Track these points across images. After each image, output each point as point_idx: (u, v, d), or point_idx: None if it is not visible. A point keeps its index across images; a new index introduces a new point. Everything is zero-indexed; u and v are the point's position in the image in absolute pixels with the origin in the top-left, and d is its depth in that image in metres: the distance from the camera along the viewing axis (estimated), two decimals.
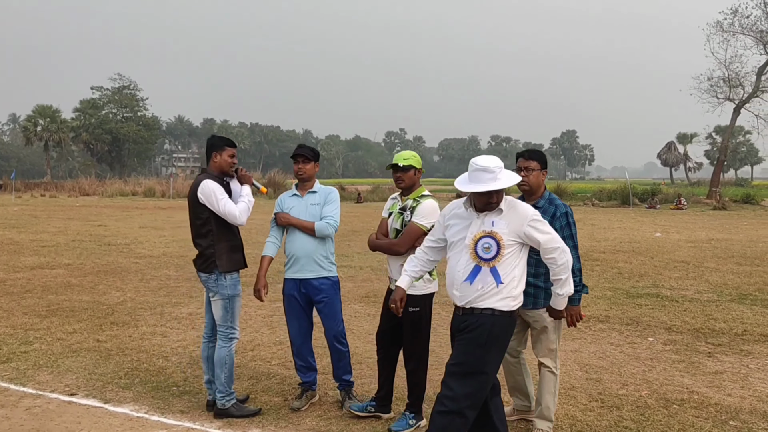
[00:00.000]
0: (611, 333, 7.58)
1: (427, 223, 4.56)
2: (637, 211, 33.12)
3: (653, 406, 5.17)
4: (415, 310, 4.62)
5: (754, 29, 39.84)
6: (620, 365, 6.31)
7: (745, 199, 38.32)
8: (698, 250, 15.49)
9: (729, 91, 40.97)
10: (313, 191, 5.27)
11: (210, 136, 5.07)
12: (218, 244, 4.88)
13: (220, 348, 5.00)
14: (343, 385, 5.28)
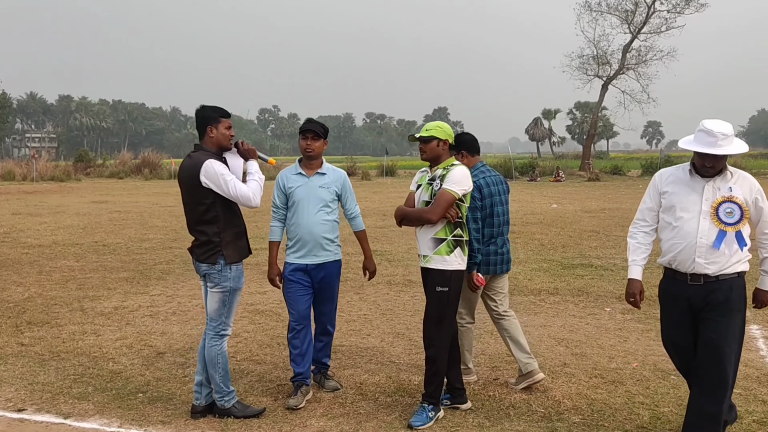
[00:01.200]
0: (567, 305, 7.60)
1: (458, 189, 4.24)
2: (521, 184, 34.38)
3: (651, 378, 5.15)
4: (443, 290, 4.28)
5: (619, 9, 42.28)
6: (594, 337, 6.29)
7: (614, 171, 40.94)
8: (598, 219, 16.16)
9: (598, 68, 43.34)
10: (321, 172, 4.85)
11: (199, 107, 4.41)
12: (225, 232, 4.31)
13: (211, 347, 4.42)
14: (320, 368, 5.06)
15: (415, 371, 5.38)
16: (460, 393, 4.62)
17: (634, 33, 42.18)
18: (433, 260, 4.32)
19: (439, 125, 4.46)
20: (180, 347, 6.15)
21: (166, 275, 9.67)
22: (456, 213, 4.28)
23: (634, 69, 42.37)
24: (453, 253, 4.30)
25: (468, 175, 4.36)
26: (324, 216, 4.77)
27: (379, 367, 5.52)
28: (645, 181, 35.53)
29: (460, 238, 4.33)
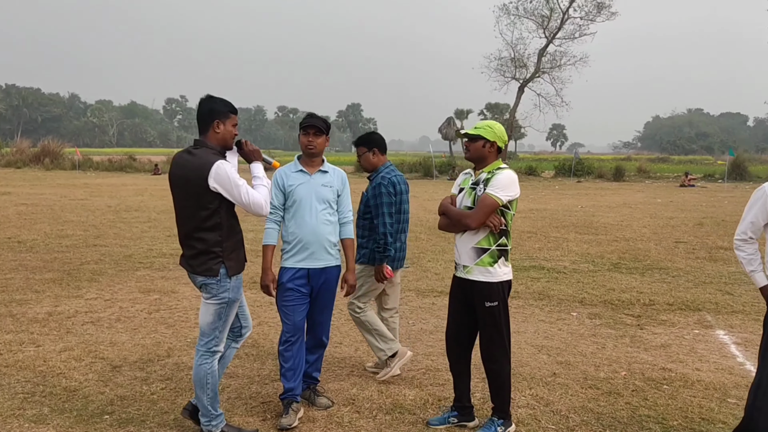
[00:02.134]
0: (533, 309, 7.49)
1: (503, 195, 3.91)
2: (442, 182, 34.62)
3: (646, 388, 5.05)
4: (493, 305, 4.00)
5: (536, 14, 43.42)
6: (572, 344, 6.18)
7: (529, 172, 41.95)
8: (531, 220, 16.35)
9: (515, 70, 44.37)
10: (323, 170, 4.48)
11: (206, 97, 3.90)
12: (228, 241, 3.85)
13: (200, 365, 3.93)
14: (309, 383, 4.68)
15: (404, 384, 5.07)
16: (468, 411, 4.37)
17: (550, 38, 43.45)
18: (475, 271, 4.02)
19: (489, 125, 4.11)
20: (136, 359, 5.56)
21: (98, 276, 8.89)
22: (499, 221, 3.97)
23: (549, 73, 43.70)
24: (497, 263, 4.00)
25: (515, 180, 4.01)
26: (327, 216, 4.42)
27: (364, 380, 5.16)
28: (559, 182, 36.67)
29: (505, 248, 4.03)
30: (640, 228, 14.84)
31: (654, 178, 40.23)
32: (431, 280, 8.97)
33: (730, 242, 12.38)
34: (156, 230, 13.77)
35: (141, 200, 20.87)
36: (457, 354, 4.33)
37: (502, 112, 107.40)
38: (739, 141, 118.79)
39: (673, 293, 8.26)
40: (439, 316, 7.06)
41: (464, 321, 4.21)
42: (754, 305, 7.64)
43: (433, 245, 11.88)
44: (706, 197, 24.77)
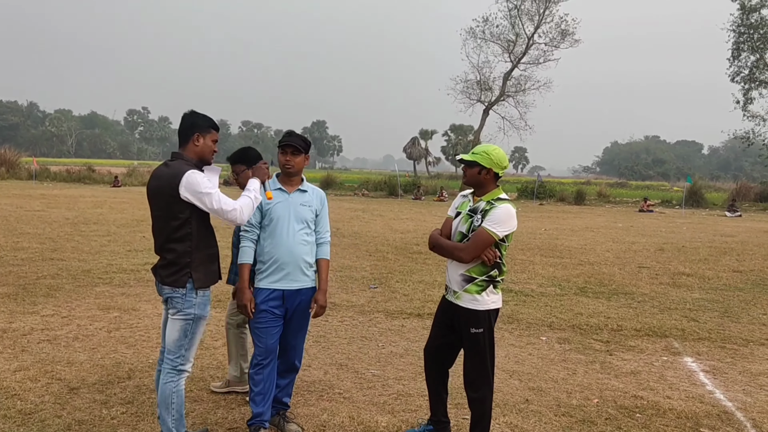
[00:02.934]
0: (502, 333, 7.44)
1: (500, 230, 3.86)
2: (407, 202, 34.66)
3: (619, 416, 5.01)
4: (478, 332, 3.95)
5: (502, 38, 44.07)
6: (543, 370, 6.13)
7: None
8: None
9: (480, 93, 44.88)
10: (302, 189, 4.41)
11: (189, 112, 3.91)
12: (196, 252, 3.77)
13: (166, 383, 3.80)
14: (279, 409, 4.52)
15: (376, 410, 4.94)
16: (445, 426, 4.35)
17: (515, 62, 44.10)
18: (463, 298, 3.99)
19: (486, 150, 4.02)
20: (94, 381, 5.32)
21: (55, 292, 8.56)
22: (493, 255, 3.92)
23: (514, 96, 44.28)
24: (485, 291, 3.96)
25: (513, 214, 3.95)
26: (304, 236, 4.32)
27: (334, 405, 5.02)
28: (522, 204, 37.04)
29: (495, 278, 4.00)
30: (604, 252, 14.99)
31: (614, 202, 40.95)
32: (400, 301, 8.87)
33: (692, 268, 12.63)
34: (116, 244, 13.40)
35: (100, 213, 20.35)
36: (434, 369, 4.31)
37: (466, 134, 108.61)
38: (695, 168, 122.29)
39: (640, 319, 8.31)
40: (410, 339, 6.96)
41: (446, 340, 4.22)
42: (719, 332, 7.72)
43: (400, 266, 11.79)
44: (665, 223, 25.25)
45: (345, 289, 9.59)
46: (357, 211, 25.23)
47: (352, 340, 6.92)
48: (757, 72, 42.51)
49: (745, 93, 43.10)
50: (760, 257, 14.72)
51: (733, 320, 8.41)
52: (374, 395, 5.28)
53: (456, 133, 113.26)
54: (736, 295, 10.09)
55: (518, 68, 44.22)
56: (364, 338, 6.99)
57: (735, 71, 43.14)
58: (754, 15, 41.54)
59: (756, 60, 42.50)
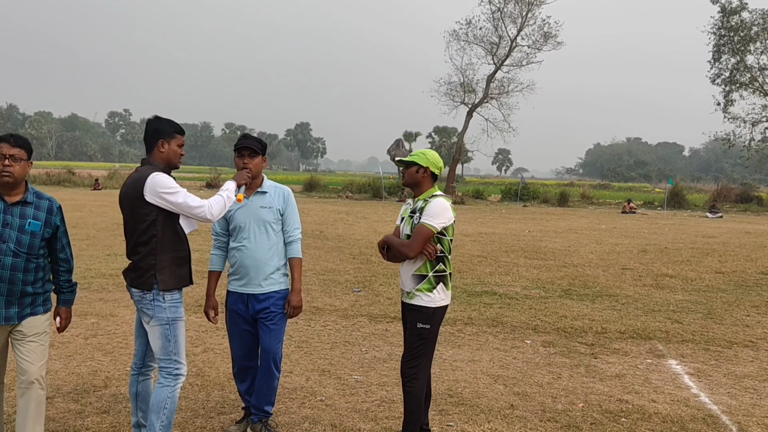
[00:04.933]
0: (487, 337, 7.38)
1: (436, 223, 3.98)
2: (391, 204, 34.59)
3: (604, 421, 4.96)
4: (425, 327, 4.02)
5: (485, 41, 44.10)
6: (527, 374, 6.07)
7: (476, 195, 42.46)
8: (480, 244, 16.37)
9: (464, 95, 44.86)
10: (262, 191, 4.35)
11: (153, 118, 3.89)
12: (161, 255, 3.73)
13: (161, 387, 3.76)
14: (260, 416, 4.43)
15: (359, 417, 4.85)
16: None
17: (498, 64, 44.10)
18: (416, 297, 4.06)
19: (423, 152, 4.23)
20: (70, 390, 5.19)
21: None
22: (434, 249, 4.04)
23: (497, 98, 44.28)
24: (436, 289, 4.06)
25: (447, 207, 4.08)
26: (267, 239, 4.28)
27: (315, 412, 4.92)
28: (506, 206, 37.16)
29: (443, 273, 4.09)
30: (587, 254, 15.01)
31: (597, 204, 41.17)
32: (383, 305, 8.78)
33: (675, 270, 12.66)
34: (95, 248, 13.19)
35: (79, 216, 20.07)
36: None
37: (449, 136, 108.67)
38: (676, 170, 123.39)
39: (624, 321, 8.28)
40: (393, 343, 6.87)
41: None
42: (703, 334, 7.71)
43: (384, 269, 11.70)
44: (647, 224, 25.38)
45: (328, 292, 9.48)
46: (341, 214, 25.12)
47: (334, 344, 6.82)
48: (738, 74, 42.95)
49: (725, 95, 43.53)
50: (741, 258, 14.80)
51: (716, 322, 8.41)
52: (357, 402, 5.19)
53: (440, 135, 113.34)
54: (719, 297, 10.11)
55: (501, 70, 44.22)
56: (347, 343, 6.90)
57: (715, 73, 43.56)
58: (734, 17, 41.95)
59: (736, 62, 42.93)
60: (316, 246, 14.72)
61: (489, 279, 11.10)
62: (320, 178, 48.83)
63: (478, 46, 44.35)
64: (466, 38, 44.28)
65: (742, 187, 45.10)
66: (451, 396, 5.39)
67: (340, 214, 25.11)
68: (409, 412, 4.06)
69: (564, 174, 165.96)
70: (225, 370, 5.80)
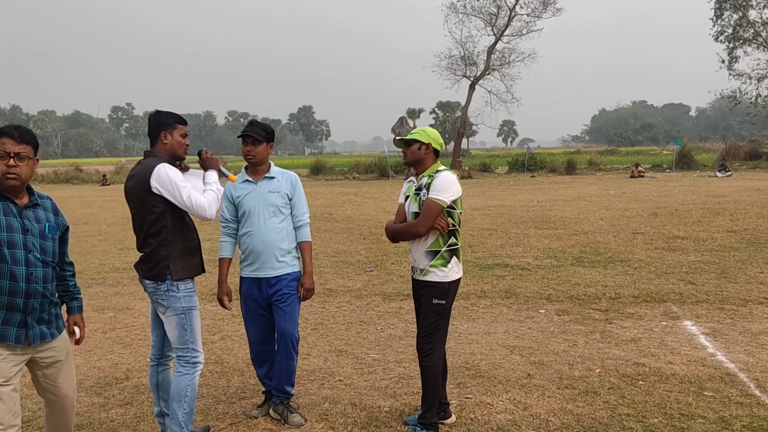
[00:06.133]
0: (501, 308, 7.41)
1: (445, 197, 4.00)
2: (398, 182, 34.54)
3: (622, 385, 4.98)
4: (441, 302, 4.05)
5: (483, 12, 43.65)
6: (543, 343, 6.10)
7: (483, 168, 42.29)
8: (490, 217, 16.35)
9: (465, 68, 44.53)
10: (269, 176, 4.39)
11: (154, 112, 3.94)
12: (173, 246, 3.78)
13: (181, 376, 3.83)
14: (281, 398, 4.49)
15: (378, 395, 4.90)
16: (444, 408, 4.33)
17: (498, 35, 43.69)
18: (430, 273, 4.07)
19: (423, 129, 4.24)
20: (92, 384, 5.27)
21: None
22: (446, 223, 4.05)
23: (499, 70, 43.92)
24: (450, 263, 4.08)
25: (454, 180, 4.09)
26: (277, 223, 4.33)
27: (335, 392, 4.97)
28: (513, 177, 37.03)
29: (456, 247, 4.11)
30: (597, 220, 14.97)
31: (605, 170, 40.93)
32: (396, 283, 8.82)
33: (686, 231, 12.62)
34: (107, 243, 13.29)
35: (90, 213, 20.20)
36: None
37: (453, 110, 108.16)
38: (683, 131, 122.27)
39: (637, 285, 8.29)
40: (408, 321, 6.91)
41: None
42: (717, 294, 7.71)
43: (395, 247, 11.72)
44: (656, 187, 25.25)
45: (340, 274, 9.53)
46: (348, 195, 25.14)
47: (350, 325, 6.87)
48: (741, 30, 42.35)
49: (729, 52, 42.99)
50: (753, 216, 14.73)
51: (730, 281, 8.40)
52: (375, 380, 5.24)
53: (443, 110, 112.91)
54: (731, 256, 10.08)
55: (502, 41, 43.80)
56: (363, 322, 6.95)
57: (718, 31, 43.00)
58: None
59: (739, 18, 42.31)
60: (326, 228, 14.76)
61: (500, 251, 11.11)
62: (326, 160, 48.72)
63: (477, 17, 43.93)
64: (464, 10, 43.88)
65: (751, 144, 44.71)
66: (468, 369, 5.43)
67: (347, 195, 25.12)
68: (427, 387, 4.09)
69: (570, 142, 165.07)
70: (243, 356, 5.87)
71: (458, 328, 6.60)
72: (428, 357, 4.07)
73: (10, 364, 3.10)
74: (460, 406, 4.62)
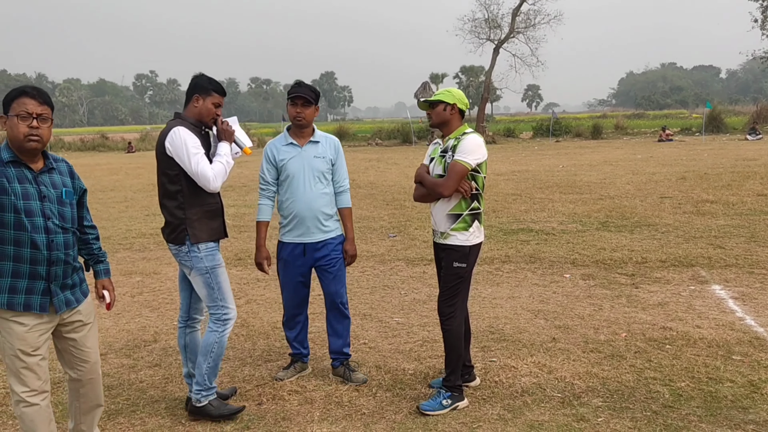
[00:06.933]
0: (525, 273, 7.37)
1: (471, 159, 3.93)
2: (421, 148, 34.35)
3: (648, 349, 4.94)
4: (461, 266, 4.01)
5: None
6: (569, 307, 6.06)
7: (507, 134, 41.85)
8: (514, 182, 16.22)
9: (489, 31, 43.85)
10: (314, 141, 4.33)
11: (197, 75, 3.91)
12: (190, 209, 3.78)
13: (210, 332, 3.89)
14: (341, 359, 4.55)
15: (402, 358, 4.92)
16: (469, 371, 4.36)
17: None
18: (451, 236, 4.04)
19: (448, 90, 4.16)
20: (121, 346, 5.36)
21: None
22: (470, 186, 4.00)
23: (524, 33, 43.18)
24: (471, 227, 4.03)
25: (481, 143, 4.02)
26: (322, 188, 4.31)
27: (360, 355, 5.00)
28: (538, 142, 36.66)
29: (478, 211, 4.06)
30: (624, 185, 14.76)
31: (631, 134, 40.30)
32: (419, 248, 8.81)
33: (715, 195, 12.40)
34: (133, 210, 13.43)
35: (116, 179, 20.42)
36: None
37: (477, 75, 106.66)
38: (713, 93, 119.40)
39: (665, 250, 8.18)
40: (431, 285, 6.91)
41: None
42: (747, 258, 7.58)
43: (418, 212, 11.70)
44: (685, 151, 24.80)
45: (364, 239, 9.53)
46: (371, 161, 25.06)
47: (374, 289, 6.88)
48: None
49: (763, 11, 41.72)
50: None
51: (760, 245, 8.25)
52: (399, 343, 5.26)
53: (467, 75, 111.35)
54: (761, 219, 9.89)
55: (527, 2, 42.99)
56: (386, 287, 6.96)
57: None
58: None
59: None
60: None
61: (524, 216, 11.02)
62: (349, 126, 48.57)
63: None
64: None
65: None
66: (493, 333, 5.42)
67: (370, 161, 25.05)
68: (450, 350, 4.09)
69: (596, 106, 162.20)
70: (269, 319, 5.93)
71: (482, 292, 6.58)
72: (449, 320, 4.05)
73: (37, 333, 3.09)
74: (485, 369, 4.62)
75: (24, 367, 3.05)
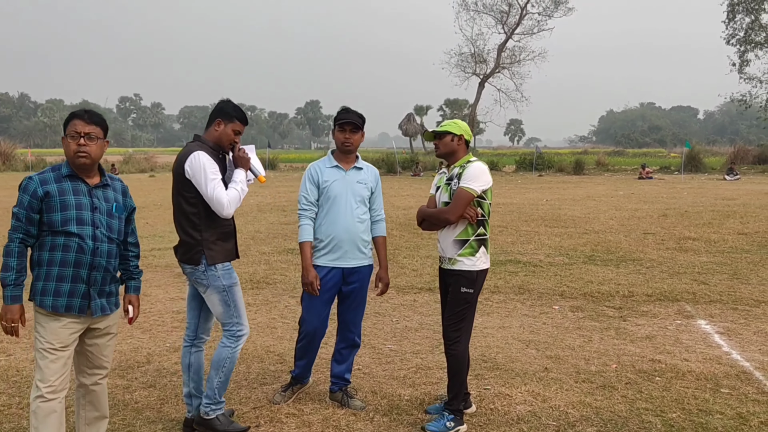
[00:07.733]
0: (514, 304, 7.46)
1: (476, 186, 4.05)
2: (406, 178, 34.64)
3: (639, 381, 5.03)
4: (469, 291, 4.11)
5: (494, 9, 43.73)
6: (558, 338, 6.15)
7: (491, 167, 42.14)
8: (500, 214, 16.37)
9: (475, 66, 44.62)
10: (358, 167, 4.41)
11: (224, 100, 4.02)
12: (206, 231, 3.85)
13: (224, 347, 3.97)
14: (340, 385, 4.59)
15: (397, 384, 4.96)
16: (465, 397, 4.39)
17: (508, 33, 43.81)
18: (458, 262, 4.13)
19: (454, 122, 4.33)
20: (115, 367, 5.32)
21: None
22: (475, 212, 4.11)
23: (509, 68, 44.07)
24: (478, 252, 4.13)
25: (485, 170, 4.16)
26: (361, 214, 4.38)
27: (355, 380, 5.01)
28: (521, 176, 37.08)
29: (484, 237, 4.17)
30: (607, 220, 15.00)
31: (612, 171, 40.93)
32: (409, 276, 8.88)
33: (697, 233, 12.64)
34: None
35: None
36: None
37: (461, 108, 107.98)
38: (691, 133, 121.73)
39: (650, 284, 8.33)
40: (423, 313, 6.98)
41: None
42: (730, 294, 7.74)
43: (406, 241, 11.80)
44: (665, 189, 25.26)
45: None
46: None
47: (366, 316, 6.81)
48: (753, 34, 42.31)
49: (740, 55, 42.94)
50: (763, 219, 14.74)
51: (742, 282, 8.44)
52: (394, 369, 5.30)
53: (451, 108, 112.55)
54: (743, 257, 10.11)
55: (512, 39, 44.02)
56: (378, 314, 7.01)
57: (730, 34, 43.01)
58: None
59: (751, 21, 42.29)
60: None
61: (511, 248, 11.16)
62: None
63: (488, 15, 44.11)
64: (475, 7, 44.02)
65: (760, 148, 44.53)
66: (485, 361, 5.48)
67: None
68: (454, 375, 4.15)
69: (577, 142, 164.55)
70: (261, 343, 5.95)
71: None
72: (455, 344, 4.13)
73: (69, 331, 3.33)
74: (480, 396, 4.68)
75: (52, 360, 3.27)
